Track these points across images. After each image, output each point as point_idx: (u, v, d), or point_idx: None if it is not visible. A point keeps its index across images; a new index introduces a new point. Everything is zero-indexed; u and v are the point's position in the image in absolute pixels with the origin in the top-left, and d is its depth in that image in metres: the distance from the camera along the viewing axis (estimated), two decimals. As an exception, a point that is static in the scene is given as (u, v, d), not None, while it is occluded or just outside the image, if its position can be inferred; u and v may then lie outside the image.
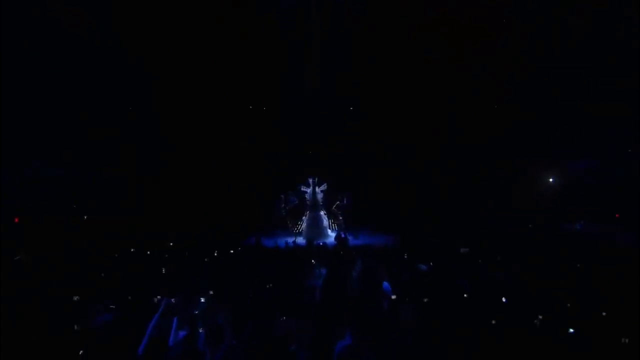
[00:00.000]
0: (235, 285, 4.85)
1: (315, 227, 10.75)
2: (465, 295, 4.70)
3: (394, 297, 4.85)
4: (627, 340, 3.05)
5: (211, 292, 4.22)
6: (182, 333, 3.59)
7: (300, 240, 10.28)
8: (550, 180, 11.56)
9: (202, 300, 3.90)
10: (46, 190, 9.70)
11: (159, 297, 4.65)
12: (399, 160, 12.06)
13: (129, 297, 4.11)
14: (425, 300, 4.54)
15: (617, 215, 9.69)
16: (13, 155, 8.67)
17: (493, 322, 3.54)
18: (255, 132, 11.84)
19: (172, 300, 3.75)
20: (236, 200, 11.68)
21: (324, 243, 8.36)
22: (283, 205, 11.44)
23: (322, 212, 11.16)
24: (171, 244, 6.83)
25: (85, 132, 9.93)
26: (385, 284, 5.33)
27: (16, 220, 9.33)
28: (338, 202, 11.37)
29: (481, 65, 10.15)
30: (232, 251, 6.64)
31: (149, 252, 6.52)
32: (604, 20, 8.75)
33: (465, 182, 11.26)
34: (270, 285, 4.97)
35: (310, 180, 11.16)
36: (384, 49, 10.42)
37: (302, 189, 11.29)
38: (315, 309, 4.31)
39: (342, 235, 10.25)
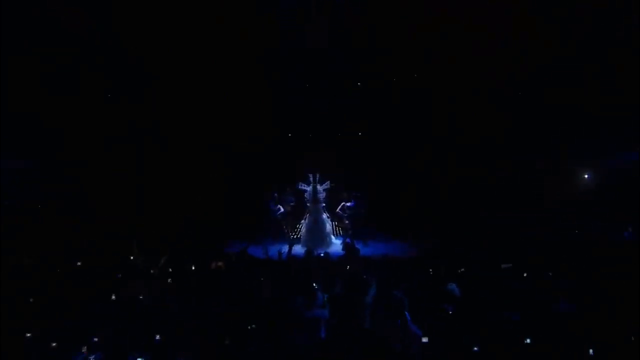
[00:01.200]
0: (200, 328, 3.68)
1: (317, 232, 9.89)
2: (528, 340, 3.55)
3: (425, 340, 3.75)
4: None
5: (158, 337, 3.03)
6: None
7: (298, 248, 9.36)
8: (586, 176, 10.86)
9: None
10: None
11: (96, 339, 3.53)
12: (414, 153, 11.52)
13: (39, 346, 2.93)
14: (476, 349, 3.39)
15: None
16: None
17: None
18: (244, 120, 11.37)
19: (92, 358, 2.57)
20: (219, 200, 11.11)
21: (327, 254, 7.38)
22: (277, 207, 10.40)
23: (324, 215, 10.27)
24: (132, 257, 5.72)
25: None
26: (409, 316, 4.27)
27: None
28: (343, 203, 10.34)
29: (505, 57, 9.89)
30: (202, 267, 5.52)
31: (102, 269, 5.40)
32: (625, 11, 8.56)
33: (501, 180, 10.46)
34: (253, 326, 3.81)
35: (311, 177, 10.20)
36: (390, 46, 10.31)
37: (300, 186, 10.31)
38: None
39: (348, 241, 9.40)
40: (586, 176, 10.86)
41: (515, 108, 10.25)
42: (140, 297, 4.26)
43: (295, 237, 10.77)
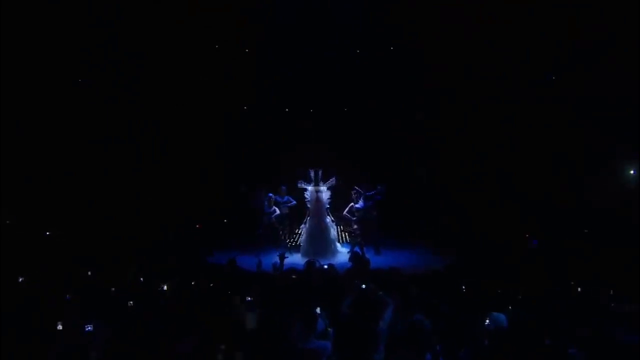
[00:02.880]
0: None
1: (319, 239, 9.60)
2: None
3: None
4: None
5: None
6: None
7: (297, 258, 9.18)
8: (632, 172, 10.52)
9: None
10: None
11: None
12: (437, 145, 11.42)
13: None
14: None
15: None
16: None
17: None
18: (232, 108, 11.50)
19: None
20: (204, 201, 10.89)
21: (331, 265, 6.86)
22: (272, 208, 9.96)
23: (328, 219, 9.94)
24: (90, 272, 5.28)
25: None
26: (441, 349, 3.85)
27: None
28: (352, 204, 9.91)
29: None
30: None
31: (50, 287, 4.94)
32: None
33: (539, 182, 10.10)
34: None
35: (312, 174, 9.86)
36: None
37: (299, 184, 9.94)
38: None
39: (357, 250, 9.09)
40: (632, 172, 10.57)
41: (551, 106, 10.20)
42: (89, 328, 3.77)
43: (293, 244, 10.55)
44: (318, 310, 4.19)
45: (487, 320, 3.98)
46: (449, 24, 9.91)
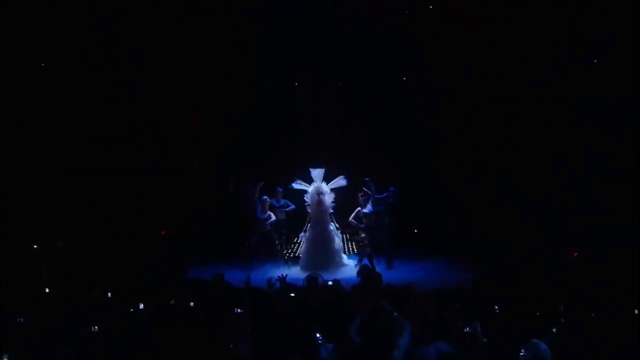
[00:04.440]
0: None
1: (321, 250, 9.65)
2: None
3: None
4: None
5: None
6: None
7: (296, 271, 9.13)
8: None
9: None
10: None
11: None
12: (461, 138, 11.80)
13: None
14: None
15: None
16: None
17: None
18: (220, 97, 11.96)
19: None
20: (185, 204, 11.19)
21: (336, 281, 6.91)
22: (267, 214, 10.02)
23: (332, 226, 9.92)
24: (47, 289, 5.20)
25: None
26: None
27: None
28: (359, 209, 9.85)
29: None
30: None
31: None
32: None
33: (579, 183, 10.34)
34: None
35: (314, 172, 9.94)
36: None
37: (297, 185, 10.05)
38: None
39: (366, 263, 9.05)
40: None
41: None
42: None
43: (291, 256, 10.58)
44: (319, 335, 4.06)
45: (523, 350, 3.85)
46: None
